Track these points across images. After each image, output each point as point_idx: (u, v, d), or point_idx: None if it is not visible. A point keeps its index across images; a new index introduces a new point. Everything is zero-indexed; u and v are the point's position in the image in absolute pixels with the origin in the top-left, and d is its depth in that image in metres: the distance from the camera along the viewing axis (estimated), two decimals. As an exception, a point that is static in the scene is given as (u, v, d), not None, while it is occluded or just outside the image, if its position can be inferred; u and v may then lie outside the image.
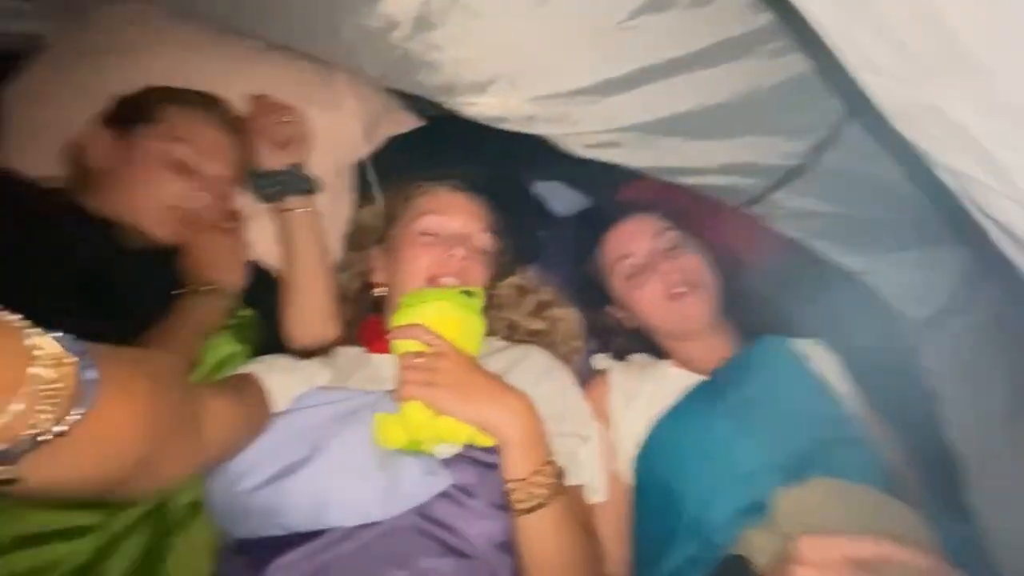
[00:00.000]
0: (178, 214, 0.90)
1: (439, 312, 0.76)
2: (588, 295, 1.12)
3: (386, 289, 0.94)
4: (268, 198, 1.01)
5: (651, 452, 0.90)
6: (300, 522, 0.66)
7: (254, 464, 0.68)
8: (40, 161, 0.93)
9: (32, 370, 0.34)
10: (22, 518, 0.64)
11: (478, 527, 0.69)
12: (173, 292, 0.90)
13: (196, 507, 0.76)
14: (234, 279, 0.95)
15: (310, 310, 0.98)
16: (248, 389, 0.73)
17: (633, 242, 1.04)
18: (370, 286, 0.99)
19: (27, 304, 0.65)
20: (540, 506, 0.67)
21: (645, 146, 0.98)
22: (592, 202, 1.39)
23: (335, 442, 0.69)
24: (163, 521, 0.74)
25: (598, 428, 0.90)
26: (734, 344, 1.01)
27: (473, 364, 0.73)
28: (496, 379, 0.73)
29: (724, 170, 0.97)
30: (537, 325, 1.02)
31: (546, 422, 0.73)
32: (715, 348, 0.99)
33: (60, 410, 0.35)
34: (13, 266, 0.70)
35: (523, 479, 0.68)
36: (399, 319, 0.76)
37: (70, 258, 0.78)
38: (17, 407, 0.33)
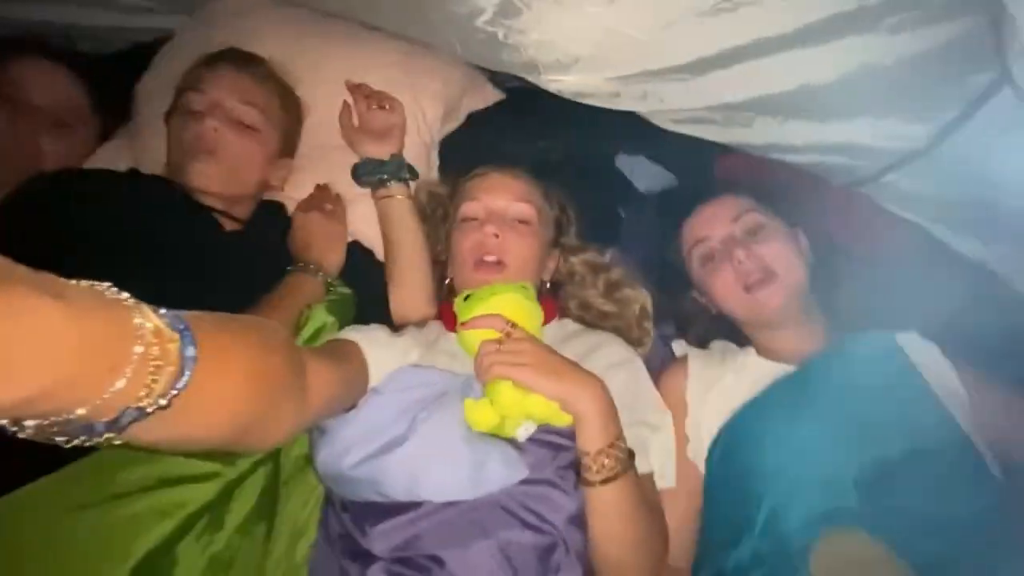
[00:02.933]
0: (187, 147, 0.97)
1: (513, 303, 0.81)
2: (669, 279, 1.08)
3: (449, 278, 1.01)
4: (371, 185, 1.07)
5: (728, 443, 0.89)
6: (397, 493, 0.75)
7: (355, 442, 0.76)
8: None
9: (137, 348, 0.35)
10: (149, 464, 0.68)
11: (552, 506, 0.75)
12: (285, 269, 0.98)
13: (306, 459, 0.85)
14: (335, 259, 1.03)
15: (411, 291, 1.03)
16: (350, 356, 0.79)
17: (709, 226, 0.98)
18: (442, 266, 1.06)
19: (152, 279, 0.77)
20: (612, 479, 0.72)
21: (738, 124, 0.92)
22: (678, 180, 1.32)
23: (428, 424, 0.76)
24: (277, 471, 0.83)
25: (670, 417, 0.91)
26: (828, 335, 0.95)
27: (550, 348, 0.78)
28: (571, 361, 0.77)
29: (826, 150, 0.89)
30: (608, 307, 1.02)
31: (618, 412, 0.76)
32: (805, 339, 0.94)
33: (161, 386, 0.37)
34: (140, 247, 0.83)
35: (599, 450, 0.72)
36: (472, 310, 0.80)
37: (186, 242, 0.91)
38: (121, 384, 0.34)
